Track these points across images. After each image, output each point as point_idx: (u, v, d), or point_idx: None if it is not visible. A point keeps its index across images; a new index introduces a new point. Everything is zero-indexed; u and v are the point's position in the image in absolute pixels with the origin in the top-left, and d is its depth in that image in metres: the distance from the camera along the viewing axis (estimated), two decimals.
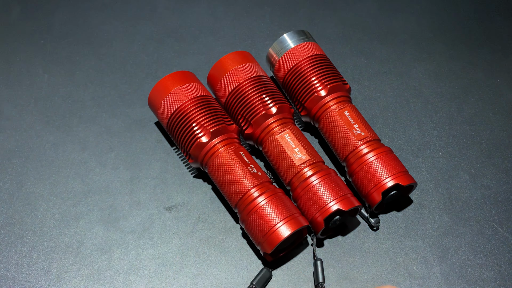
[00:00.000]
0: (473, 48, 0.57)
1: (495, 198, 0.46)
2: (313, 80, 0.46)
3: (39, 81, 0.54)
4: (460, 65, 0.56)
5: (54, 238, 0.43)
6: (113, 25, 0.59)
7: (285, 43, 0.48)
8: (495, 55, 0.56)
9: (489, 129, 0.51)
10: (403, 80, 0.54)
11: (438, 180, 0.47)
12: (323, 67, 0.46)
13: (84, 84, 0.54)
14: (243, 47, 0.56)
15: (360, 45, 0.57)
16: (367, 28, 0.59)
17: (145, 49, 0.57)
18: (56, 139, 0.50)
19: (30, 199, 0.46)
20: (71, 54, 0.57)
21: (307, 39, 0.48)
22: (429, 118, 0.51)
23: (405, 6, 0.61)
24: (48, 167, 0.48)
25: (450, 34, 0.59)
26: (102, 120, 0.51)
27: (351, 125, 0.44)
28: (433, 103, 0.53)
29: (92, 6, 0.61)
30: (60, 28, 0.59)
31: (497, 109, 0.52)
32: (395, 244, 0.43)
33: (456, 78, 0.55)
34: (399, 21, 0.60)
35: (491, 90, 0.54)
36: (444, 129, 0.50)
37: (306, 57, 0.47)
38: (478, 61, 0.56)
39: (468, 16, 0.60)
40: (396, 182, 0.41)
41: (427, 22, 0.60)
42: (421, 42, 0.58)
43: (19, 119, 0.51)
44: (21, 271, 0.42)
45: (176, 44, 0.57)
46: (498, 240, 0.43)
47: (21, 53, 0.57)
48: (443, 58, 0.56)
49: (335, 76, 0.46)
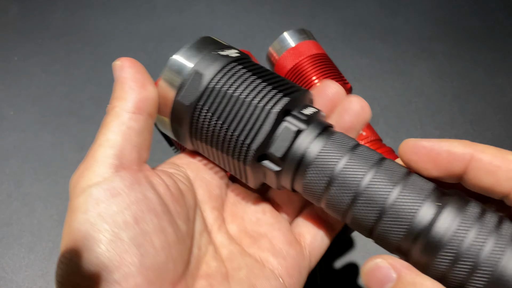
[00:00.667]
0: (475, 47, 0.57)
1: None
2: (314, 79, 0.45)
3: (37, 80, 0.54)
4: (462, 64, 0.55)
5: (52, 239, 0.43)
6: (111, 24, 0.59)
7: (285, 41, 0.47)
8: (498, 54, 0.56)
9: (491, 129, 0.50)
10: (404, 79, 0.54)
11: None
12: (324, 66, 0.46)
13: (82, 84, 0.54)
14: (243, 46, 0.56)
15: (361, 44, 0.57)
16: (369, 27, 0.58)
17: (144, 48, 0.57)
18: (54, 139, 0.49)
19: (27, 199, 0.45)
20: (69, 53, 0.56)
21: (307, 37, 0.48)
22: (431, 118, 0.51)
23: (407, 4, 0.61)
24: (46, 167, 0.47)
25: (452, 33, 0.58)
26: (100, 119, 0.50)
27: None
28: (435, 102, 0.52)
29: (90, 4, 0.60)
30: (58, 27, 0.58)
31: (499, 109, 0.52)
32: None
33: (458, 78, 0.54)
34: (400, 19, 0.59)
35: (493, 89, 0.53)
36: (446, 129, 0.50)
37: (307, 56, 0.46)
38: (480, 60, 0.56)
39: (470, 15, 0.60)
40: None
41: (429, 21, 0.59)
42: (423, 41, 0.57)
43: (17, 118, 0.51)
44: (18, 273, 0.41)
45: (176, 43, 0.57)
46: None
47: (19, 52, 0.56)
48: (445, 57, 0.56)
49: (336, 75, 0.46)
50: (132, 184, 0.21)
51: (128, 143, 0.22)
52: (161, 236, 0.21)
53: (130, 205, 0.20)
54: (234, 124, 0.23)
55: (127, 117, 0.23)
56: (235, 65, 0.25)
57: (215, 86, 0.24)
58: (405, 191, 0.20)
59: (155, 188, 0.22)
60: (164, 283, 0.20)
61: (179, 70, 0.25)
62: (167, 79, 0.25)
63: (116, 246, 0.19)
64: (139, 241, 0.20)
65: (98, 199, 0.20)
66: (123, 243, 0.19)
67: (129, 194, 0.20)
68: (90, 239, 0.19)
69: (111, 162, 0.21)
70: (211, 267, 0.23)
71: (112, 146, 0.22)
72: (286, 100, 0.23)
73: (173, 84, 0.25)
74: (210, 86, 0.24)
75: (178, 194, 0.23)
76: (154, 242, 0.20)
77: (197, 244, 0.24)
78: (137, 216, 0.20)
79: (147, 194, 0.21)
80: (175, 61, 0.25)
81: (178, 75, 0.25)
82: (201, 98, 0.24)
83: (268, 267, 0.25)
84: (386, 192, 0.21)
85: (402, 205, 0.20)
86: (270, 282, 0.24)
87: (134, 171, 0.22)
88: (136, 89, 0.23)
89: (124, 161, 0.22)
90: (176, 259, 0.21)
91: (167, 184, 0.23)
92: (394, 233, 0.20)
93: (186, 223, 0.23)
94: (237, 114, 0.23)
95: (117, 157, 0.21)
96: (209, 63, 0.25)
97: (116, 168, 0.21)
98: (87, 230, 0.19)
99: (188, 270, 0.22)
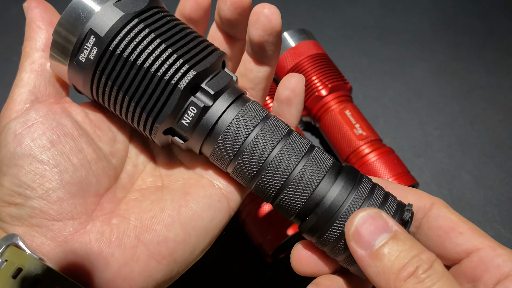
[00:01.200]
0: (475, 47, 0.57)
1: (498, 198, 0.45)
2: (314, 79, 0.45)
3: None
4: (463, 65, 0.55)
5: None
6: None
7: (285, 41, 0.47)
8: (498, 55, 0.56)
9: (491, 129, 0.50)
10: (404, 79, 0.54)
11: (440, 181, 0.46)
12: (324, 66, 0.46)
13: None
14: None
15: (361, 44, 0.57)
16: (369, 27, 0.58)
17: None
18: None
19: None
20: None
21: (307, 37, 0.48)
22: (431, 118, 0.51)
23: (407, 5, 0.61)
24: None
25: (452, 33, 0.58)
26: None
27: (352, 125, 0.43)
28: (435, 102, 0.52)
29: None
30: None
31: (499, 109, 0.52)
32: None
33: (458, 78, 0.54)
34: (401, 20, 0.59)
35: (493, 89, 0.53)
36: (446, 129, 0.50)
37: (307, 56, 0.46)
38: (480, 61, 0.55)
39: (470, 15, 0.60)
40: (398, 183, 0.41)
41: (429, 21, 0.59)
42: (423, 41, 0.57)
43: None
44: None
45: None
46: (500, 241, 0.42)
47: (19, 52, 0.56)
48: (445, 57, 0.56)
49: (336, 75, 0.46)
50: (47, 114, 0.23)
51: (42, 79, 0.24)
52: (79, 155, 0.23)
53: (45, 131, 0.22)
54: (137, 96, 0.22)
55: (37, 55, 0.24)
56: (137, 21, 0.22)
57: (115, 51, 0.22)
58: (308, 164, 0.22)
59: (72, 117, 0.24)
60: (88, 195, 0.23)
61: (74, 24, 0.22)
62: (61, 33, 0.22)
63: (35, 167, 0.21)
64: (57, 160, 0.22)
65: (15, 131, 0.22)
66: (42, 163, 0.22)
67: (43, 123, 0.22)
68: (12, 167, 0.21)
69: (26, 98, 0.23)
70: (146, 182, 0.25)
71: (25, 85, 0.23)
72: (193, 74, 0.22)
73: (68, 40, 0.22)
74: (109, 49, 0.22)
75: (99, 120, 0.25)
76: (72, 160, 0.22)
77: (132, 163, 0.26)
78: (52, 140, 0.22)
79: (61, 121, 0.23)
80: (73, 10, 0.22)
81: (72, 31, 0.22)
82: (99, 64, 0.22)
83: (206, 177, 0.25)
84: (291, 166, 0.22)
85: (304, 178, 0.22)
86: (205, 190, 0.25)
87: (50, 103, 0.24)
88: (44, 27, 0.24)
89: (40, 96, 0.24)
90: (98, 174, 0.23)
91: (86, 112, 0.25)
92: (295, 202, 0.22)
93: (109, 144, 0.25)
94: (140, 85, 0.22)
95: (31, 93, 0.23)
96: (108, 19, 0.22)
97: (32, 103, 0.23)
98: (9, 159, 0.21)
99: (118, 184, 0.25)
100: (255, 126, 0.23)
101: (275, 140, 0.22)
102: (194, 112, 0.22)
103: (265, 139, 0.22)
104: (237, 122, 0.22)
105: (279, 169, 0.22)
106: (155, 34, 0.22)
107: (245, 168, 0.23)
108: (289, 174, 0.22)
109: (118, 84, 0.22)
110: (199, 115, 0.22)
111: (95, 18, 0.22)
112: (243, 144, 0.22)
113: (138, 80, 0.22)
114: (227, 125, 0.22)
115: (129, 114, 0.23)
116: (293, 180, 0.22)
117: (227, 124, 0.22)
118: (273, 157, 0.22)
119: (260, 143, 0.22)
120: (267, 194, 0.23)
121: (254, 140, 0.22)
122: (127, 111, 0.23)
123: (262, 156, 0.22)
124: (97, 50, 0.22)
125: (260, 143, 0.22)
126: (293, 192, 0.22)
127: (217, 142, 0.23)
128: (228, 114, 0.23)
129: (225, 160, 0.23)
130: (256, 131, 0.22)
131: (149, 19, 0.22)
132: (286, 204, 0.23)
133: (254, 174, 0.23)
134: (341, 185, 0.22)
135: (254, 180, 0.23)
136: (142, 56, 0.22)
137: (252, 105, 0.23)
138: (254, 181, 0.23)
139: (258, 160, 0.22)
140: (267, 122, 0.23)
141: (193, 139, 0.23)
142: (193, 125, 0.23)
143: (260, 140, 0.22)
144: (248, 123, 0.23)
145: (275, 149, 0.22)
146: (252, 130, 0.22)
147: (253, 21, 0.25)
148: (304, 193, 0.22)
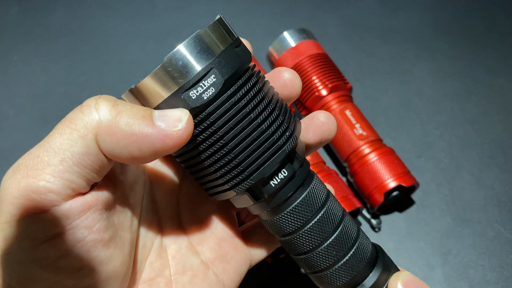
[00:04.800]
0: (476, 47, 0.57)
1: (498, 198, 0.45)
2: (314, 79, 0.45)
3: (37, 80, 0.54)
4: (463, 64, 0.55)
5: None
6: (111, 24, 0.58)
7: (285, 41, 0.47)
8: (498, 54, 0.56)
9: (492, 129, 0.50)
10: (405, 79, 0.54)
11: (440, 181, 0.46)
12: (324, 66, 0.46)
13: (81, 84, 0.53)
14: None
15: (361, 44, 0.57)
16: (369, 27, 0.58)
17: (143, 48, 0.56)
18: None
19: None
20: (68, 53, 0.56)
21: (307, 37, 0.48)
22: (432, 118, 0.51)
23: (407, 4, 0.61)
24: None
25: (452, 32, 0.58)
26: None
27: (352, 125, 0.43)
28: (436, 102, 0.52)
29: (90, 4, 0.60)
30: (57, 27, 0.58)
31: (500, 109, 0.51)
32: (397, 245, 0.43)
33: (459, 77, 0.54)
34: (401, 19, 0.59)
35: (494, 89, 0.53)
36: (446, 129, 0.50)
37: (307, 56, 0.46)
38: (481, 60, 0.55)
39: (470, 14, 0.60)
40: (398, 183, 0.41)
41: (430, 21, 0.59)
42: (423, 40, 0.57)
43: (16, 118, 0.51)
44: None
45: (175, 42, 0.56)
46: (501, 241, 0.43)
47: (19, 52, 0.56)
48: (445, 57, 0.56)
49: (336, 75, 0.46)
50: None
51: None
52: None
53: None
54: (238, 149, 0.20)
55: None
56: (250, 74, 0.21)
57: (231, 97, 0.20)
58: (352, 256, 0.24)
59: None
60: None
61: (184, 65, 0.19)
62: (161, 76, 0.19)
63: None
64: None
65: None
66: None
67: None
68: None
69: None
70: (155, 269, 0.24)
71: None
72: (295, 139, 0.22)
73: (173, 79, 0.19)
74: (226, 93, 0.20)
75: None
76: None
77: (142, 243, 0.24)
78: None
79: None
80: (179, 54, 0.19)
81: (183, 70, 0.19)
82: (209, 106, 0.20)
83: (213, 270, 0.26)
84: (339, 256, 0.24)
85: (346, 267, 0.24)
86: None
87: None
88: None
89: None
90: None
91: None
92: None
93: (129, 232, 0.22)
94: (246, 138, 0.20)
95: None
96: (227, 63, 0.20)
97: None
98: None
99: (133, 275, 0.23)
100: (312, 217, 0.23)
101: (329, 231, 0.24)
102: (284, 175, 0.22)
103: (316, 232, 0.23)
104: (302, 205, 0.23)
105: (327, 256, 0.24)
106: (262, 87, 0.22)
107: (295, 247, 0.24)
108: (334, 262, 0.24)
109: (222, 132, 0.20)
110: (288, 179, 0.22)
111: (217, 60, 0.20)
112: (298, 229, 0.23)
113: (246, 132, 0.20)
114: (294, 205, 0.23)
115: (215, 166, 0.21)
116: (336, 266, 0.24)
117: (295, 204, 0.23)
118: (324, 246, 0.24)
119: (314, 232, 0.23)
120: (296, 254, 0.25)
121: (309, 229, 0.23)
122: (213, 163, 0.21)
123: (314, 243, 0.24)
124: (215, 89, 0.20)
125: (314, 232, 0.23)
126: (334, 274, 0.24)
127: (279, 215, 0.23)
128: (299, 193, 0.23)
129: (278, 232, 0.24)
130: (315, 218, 0.23)
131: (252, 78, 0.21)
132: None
133: (302, 252, 0.24)
134: (379, 271, 0.24)
135: (300, 255, 0.25)
136: (255, 111, 0.21)
137: (316, 185, 0.24)
138: (300, 256, 0.25)
139: (311, 245, 0.24)
140: (325, 210, 0.24)
141: (264, 201, 0.23)
142: (279, 187, 0.22)
143: (315, 229, 0.23)
144: (310, 209, 0.23)
145: (327, 239, 0.23)
146: (312, 216, 0.23)
147: (313, 126, 0.26)
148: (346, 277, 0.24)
